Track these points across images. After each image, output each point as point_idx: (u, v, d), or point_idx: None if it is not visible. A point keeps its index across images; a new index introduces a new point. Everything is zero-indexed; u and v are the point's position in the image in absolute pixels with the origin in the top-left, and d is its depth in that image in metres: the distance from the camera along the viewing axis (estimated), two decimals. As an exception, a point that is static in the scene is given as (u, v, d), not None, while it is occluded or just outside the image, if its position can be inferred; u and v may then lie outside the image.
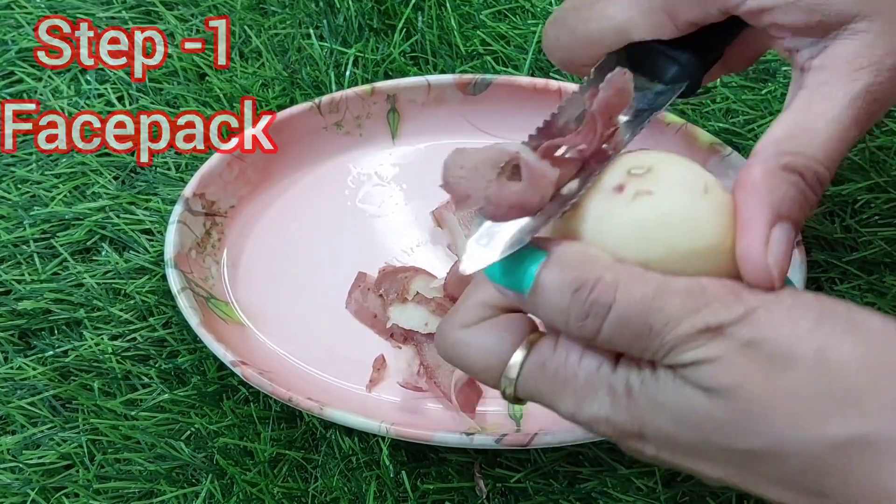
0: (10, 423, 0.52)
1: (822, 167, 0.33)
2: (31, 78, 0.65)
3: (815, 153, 0.33)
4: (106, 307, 0.55)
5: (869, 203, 0.56)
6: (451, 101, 0.60)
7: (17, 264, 0.57)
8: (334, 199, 0.59)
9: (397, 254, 0.57)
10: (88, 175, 0.60)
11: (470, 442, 0.47)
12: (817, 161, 0.33)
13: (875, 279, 0.54)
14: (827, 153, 0.34)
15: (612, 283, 0.31)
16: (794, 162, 0.33)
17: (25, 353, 0.54)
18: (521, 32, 0.65)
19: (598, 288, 0.31)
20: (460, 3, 0.67)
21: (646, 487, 0.49)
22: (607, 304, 0.31)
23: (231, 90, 0.63)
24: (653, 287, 0.31)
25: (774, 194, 0.33)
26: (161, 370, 0.53)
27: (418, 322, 0.51)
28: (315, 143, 0.59)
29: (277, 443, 0.50)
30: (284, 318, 0.55)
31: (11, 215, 0.59)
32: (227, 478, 0.49)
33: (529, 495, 0.49)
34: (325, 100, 0.59)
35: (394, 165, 0.60)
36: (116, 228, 0.58)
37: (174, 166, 0.61)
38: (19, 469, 0.50)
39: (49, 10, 0.68)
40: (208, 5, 0.68)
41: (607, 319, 0.31)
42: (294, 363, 0.53)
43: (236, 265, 0.56)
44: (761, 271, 0.32)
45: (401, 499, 0.49)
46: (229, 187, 0.57)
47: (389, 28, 0.66)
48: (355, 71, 0.64)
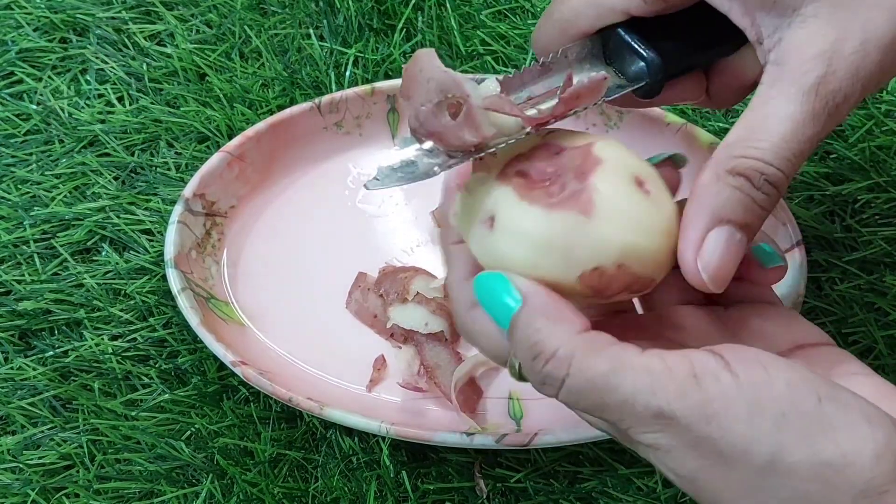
0: (10, 424, 0.52)
1: (772, 168, 0.32)
2: (31, 78, 0.65)
3: (763, 154, 0.32)
4: (106, 307, 0.55)
5: (869, 203, 0.56)
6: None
7: (18, 265, 0.57)
8: (334, 199, 0.59)
9: (397, 254, 0.57)
10: (88, 175, 0.60)
11: (470, 442, 0.47)
12: (765, 162, 0.32)
13: (875, 279, 0.54)
14: (778, 153, 0.32)
15: (566, 358, 0.31)
16: (740, 164, 0.32)
17: (26, 353, 0.54)
18: (521, 32, 0.65)
19: (552, 361, 0.31)
20: (460, 3, 0.67)
21: (646, 487, 0.49)
22: (560, 378, 0.31)
23: (231, 90, 0.63)
24: (608, 364, 0.30)
25: (716, 198, 0.32)
26: (161, 370, 0.53)
27: (418, 322, 0.51)
28: (315, 143, 0.59)
29: (278, 443, 0.50)
30: (284, 318, 0.55)
31: (11, 216, 0.59)
32: (227, 478, 0.49)
33: (530, 495, 0.49)
34: (325, 100, 0.59)
35: (394, 165, 0.60)
36: (116, 229, 0.58)
37: (174, 166, 0.61)
38: (19, 469, 0.50)
39: (49, 10, 0.68)
40: (208, 5, 0.68)
41: (561, 391, 0.31)
42: (294, 363, 0.53)
43: (236, 265, 0.56)
44: (693, 275, 0.32)
45: (401, 499, 0.49)
46: (229, 187, 0.57)
47: (389, 28, 0.66)
48: (355, 71, 0.64)
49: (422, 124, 0.32)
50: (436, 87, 0.32)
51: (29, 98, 0.64)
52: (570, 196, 0.31)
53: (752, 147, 0.33)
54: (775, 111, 0.33)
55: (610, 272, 0.31)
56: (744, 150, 0.33)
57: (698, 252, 0.32)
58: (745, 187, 0.32)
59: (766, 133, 0.33)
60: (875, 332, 0.52)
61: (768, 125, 0.33)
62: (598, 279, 0.31)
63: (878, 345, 0.52)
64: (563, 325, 0.31)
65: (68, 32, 0.67)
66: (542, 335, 0.31)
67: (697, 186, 0.33)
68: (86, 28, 0.67)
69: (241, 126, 0.60)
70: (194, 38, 0.66)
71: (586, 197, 0.31)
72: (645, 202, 0.32)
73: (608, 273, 0.31)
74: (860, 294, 0.54)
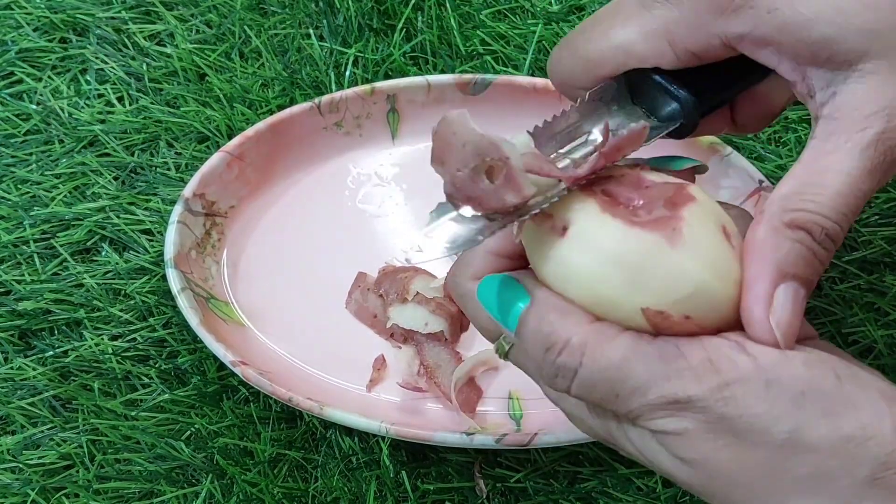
0: (10, 424, 0.52)
1: (831, 222, 0.32)
2: (31, 78, 0.65)
3: (821, 209, 0.32)
4: (106, 307, 0.55)
5: (869, 202, 0.56)
6: (451, 101, 0.60)
7: (18, 265, 0.57)
8: (334, 199, 0.59)
9: (397, 254, 0.57)
10: (88, 175, 0.60)
11: (470, 442, 0.47)
12: (824, 216, 0.32)
13: (875, 279, 0.54)
14: (836, 208, 0.32)
15: (580, 346, 0.31)
16: (800, 218, 0.32)
17: (25, 353, 0.54)
18: (521, 32, 0.65)
19: (565, 351, 0.31)
20: (460, 3, 0.67)
21: (646, 487, 0.49)
22: (573, 368, 0.31)
23: (231, 90, 0.63)
24: (621, 352, 0.30)
25: (779, 252, 0.31)
26: (161, 370, 0.53)
27: (418, 322, 0.51)
28: (315, 143, 0.59)
29: (277, 443, 0.50)
30: (284, 318, 0.55)
31: (11, 216, 0.59)
32: (227, 478, 0.49)
33: (529, 495, 0.49)
34: (325, 100, 0.59)
35: (394, 165, 0.60)
36: (116, 229, 0.58)
37: (174, 166, 0.61)
38: (19, 469, 0.50)
39: (49, 10, 0.68)
40: (208, 5, 0.68)
41: (574, 382, 0.31)
42: (294, 363, 0.53)
43: (236, 265, 0.56)
44: (765, 332, 0.31)
45: (401, 499, 0.49)
46: (229, 187, 0.57)
47: (389, 28, 0.66)
48: (355, 71, 0.64)
49: (459, 190, 0.31)
50: (472, 150, 0.31)
51: (29, 98, 0.64)
52: (658, 220, 0.31)
53: (809, 201, 0.32)
54: (832, 165, 0.32)
55: (674, 319, 0.31)
56: (802, 203, 0.32)
57: (769, 308, 0.31)
58: (806, 241, 0.32)
59: (823, 188, 0.32)
60: (875, 331, 0.52)
61: (825, 180, 0.32)
62: (660, 320, 0.31)
63: (877, 345, 0.52)
64: (573, 316, 0.31)
65: (68, 32, 0.67)
66: (553, 327, 0.31)
67: (755, 240, 0.32)
68: (86, 28, 0.67)
69: (241, 126, 0.60)
70: (194, 38, 0.66)
71: (675, 225, 0.30)
72: (728, 251, 0.32)
73: (672, 320, 0.31)
74: (860, 294, 0.54)
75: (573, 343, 0.31)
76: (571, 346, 0.31)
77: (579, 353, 0.31)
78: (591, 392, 0.31)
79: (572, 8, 0.67)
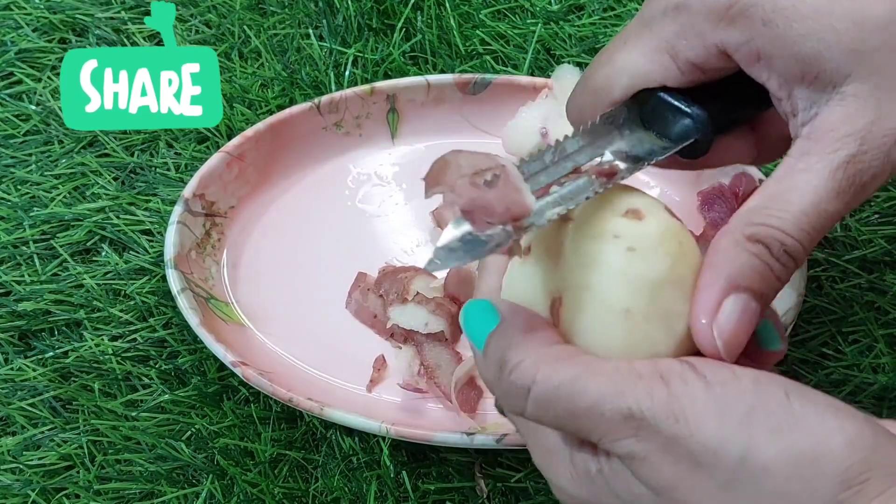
0: (10, 425, 0.52)
1: (791, 239, 0.32)
2: (30, 79, 0.65)
3: (783, 224, 0.32)
4: (106, 308, 0.55)
5: (869, 201, 0.56)
6: (450, 101, 0.60)
7: (17, 265, 0.57)
8: (334, 199, 0.59)
9: (397, 254, 0.57)
10: (88, 175, 0.60)
11: (470, 442, 0.47)
12: (785, 233, 0.32)
13: (875, 278, 0.54)
14: (798, 225, 0.32)
15: (533, 364, 0.31)
16: (760, 232, 0.32)
17: (25, 354, 0.54)
18: (521, 32, 0.65)
19: (516, 371, 0.31)
20: (460, 3, 0.67)
21: (646, 487, 0.49)
22: (526, 387, 0.31)
23: (231, 90, 0.63)
24: (575, 370, 0.30)
25: (733, 263, 0.31)
26: (161, 371, 0.53)
27: (418, 322, 0.51)
28: (315, 143, 0.59)
29: (278, 443, 0.50)
30: (284, 318, 0.55)
31: (11, 216, 0.59)
32: (227, 478, 0.49)
33: (530, 495, 0.49)
34: (325, 100, 0.59)
35: (393, 165, 0.60)
36: (116, 229, 0.58)
37: (174, 166, 0.61)
38: (20, 470, 0.50)
39: (48, 11, 0.68)
40: (208, 5, 0.68)
41: (528, 401, 0.31)
42: (294, 363, 0.53)
43: (236, 265, 0.56)
44: (707, 341, 0.31)
45: (401, 499, 0.49)
46: (229, 187, 0.57)
47: (389, 28, 0.66)
48: (355, 71, 0.64)
49: (461, 196, 0.31)
50: (468, 163, 0.31)
51: (28, 98, 0.64)
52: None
53: (773, 216, 0.32)
54: (800, 184, 0.32)
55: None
56: (765, 218, 0.32)
57: (714, 317, 0.31)
58: (763, 255, 0.32)
59: (789, 204, 0.32)
60: (875, 330, 0.52)
61: (791, 197, 0.32)
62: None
63: (878, 343, 0.52)
64: (536, 335, 0.32)
65: (67, 33, 0.67)
66: (511, 348, 0.31)
67: (714, 251, 0.32)
68: (85, 28, 0.67)
69: (241, 126, 0.60)
70: (194, 38, 0.66)
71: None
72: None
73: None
74: (860, 293, 0.54)
75: (526, 363, 0.31)
76: (524, 365, 0.31)
77: (532, 372, 0.31)
78: (548, 411, 0.31)
79: (572, 7, 0.67)
